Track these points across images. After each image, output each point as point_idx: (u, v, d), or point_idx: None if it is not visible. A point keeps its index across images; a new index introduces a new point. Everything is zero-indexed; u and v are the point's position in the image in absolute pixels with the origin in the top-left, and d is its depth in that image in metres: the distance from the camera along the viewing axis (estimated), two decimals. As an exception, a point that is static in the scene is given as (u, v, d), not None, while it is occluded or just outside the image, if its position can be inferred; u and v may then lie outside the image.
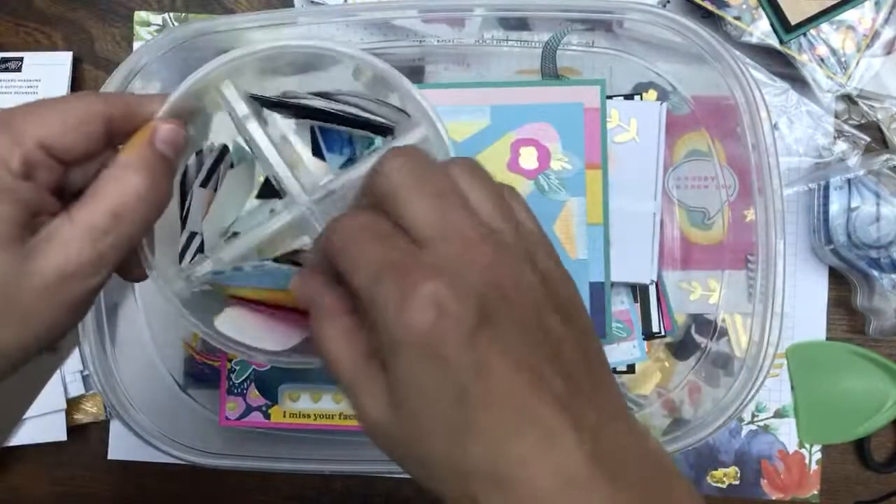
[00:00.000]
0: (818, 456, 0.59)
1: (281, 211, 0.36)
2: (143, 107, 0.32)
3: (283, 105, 0.39)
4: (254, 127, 0.36)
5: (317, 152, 0.40)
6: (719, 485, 0.58)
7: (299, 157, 0.39)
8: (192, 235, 0.38)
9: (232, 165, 0.40)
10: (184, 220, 0.38)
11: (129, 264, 0.34)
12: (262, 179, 0.41)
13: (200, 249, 0.38)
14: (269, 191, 0.40)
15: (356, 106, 0.38)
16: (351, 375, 0.26)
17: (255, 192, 0.41)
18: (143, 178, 0.30)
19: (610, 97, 0.54)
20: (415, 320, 0.23)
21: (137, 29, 0.60)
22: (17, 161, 0.28)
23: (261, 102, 0.38)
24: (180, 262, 0.38)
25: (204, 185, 0.39)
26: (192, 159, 0.39)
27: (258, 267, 0.35)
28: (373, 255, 0.25)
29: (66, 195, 0.30)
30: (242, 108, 0.36)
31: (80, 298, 0.28)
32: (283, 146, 0.38)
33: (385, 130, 0.39)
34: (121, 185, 0.29)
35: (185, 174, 0.39)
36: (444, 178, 0.26)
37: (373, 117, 0.38)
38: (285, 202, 0.36)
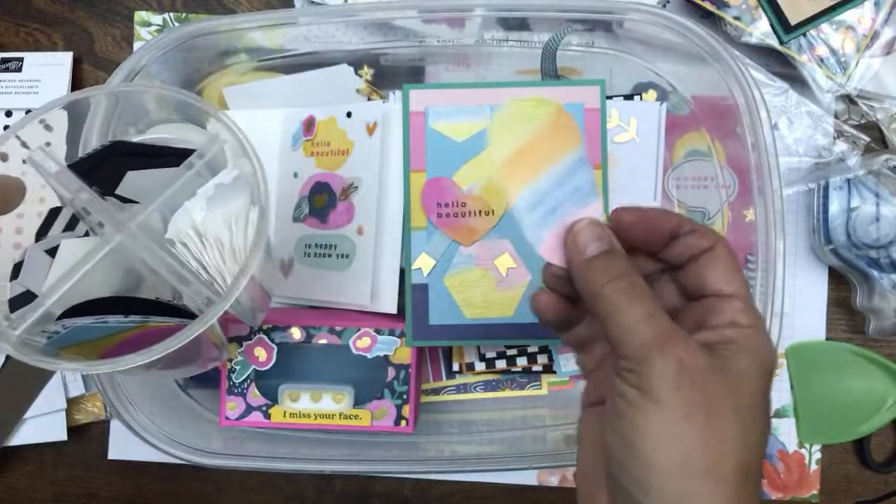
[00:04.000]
0: (818, 456, 0.59)
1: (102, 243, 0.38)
2: None
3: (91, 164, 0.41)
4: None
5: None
6: (719, 485, 0.58)
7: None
8: (28, 294, 0.39)
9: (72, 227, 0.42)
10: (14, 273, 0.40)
11: None
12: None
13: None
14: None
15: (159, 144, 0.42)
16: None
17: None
18: None
19: (610, 97, 0.54)
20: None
21: (137, 29, 0.60)
22: None
23: (75, 167, 0.40)
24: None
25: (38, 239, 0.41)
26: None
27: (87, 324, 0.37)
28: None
29: None
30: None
31: None
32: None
33: (189, 153, 0.41)
34: None
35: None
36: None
37: (176, 146, 0.41)
38: (104, 234, 0.38)
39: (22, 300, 0.39)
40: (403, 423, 0.51)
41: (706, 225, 0.33)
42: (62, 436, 0.59)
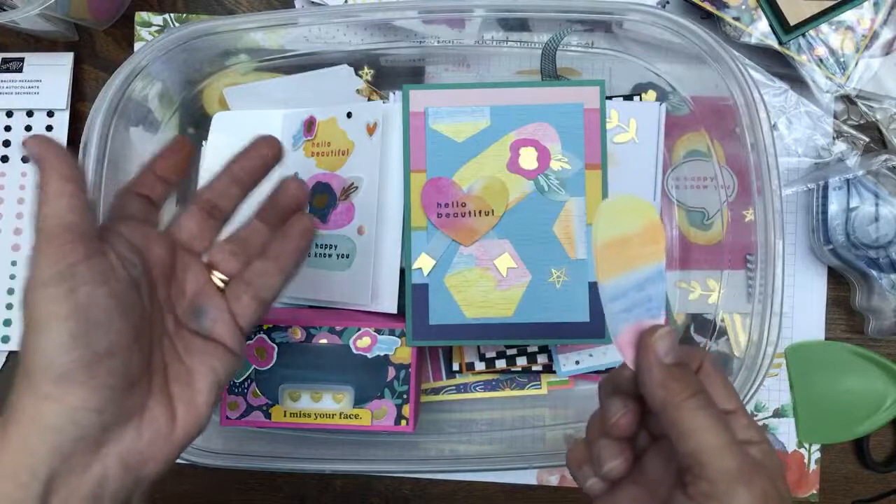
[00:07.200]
0: (817, 455, 0.59)
1: None
2: None
3: None
4: None
5: None
6: (718, 484, 0.58)
7: None
8: None
9: None
10: None
11: None
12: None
13: None
14: None
15: None
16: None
17: None
18: None
19: (609, 97, 0.54)
20: None
21: (138, 29, 0.60)
22: None
23: None
24: None
25: None
26: None
27: None
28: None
29: None
30: None
31: None
32: None
33: None
34: None
35: None
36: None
37: None
38: None
39: None
40: (403, 422, 0.52)
41: (684, 348, 0.34)
42: (63, 435, 0.59)
